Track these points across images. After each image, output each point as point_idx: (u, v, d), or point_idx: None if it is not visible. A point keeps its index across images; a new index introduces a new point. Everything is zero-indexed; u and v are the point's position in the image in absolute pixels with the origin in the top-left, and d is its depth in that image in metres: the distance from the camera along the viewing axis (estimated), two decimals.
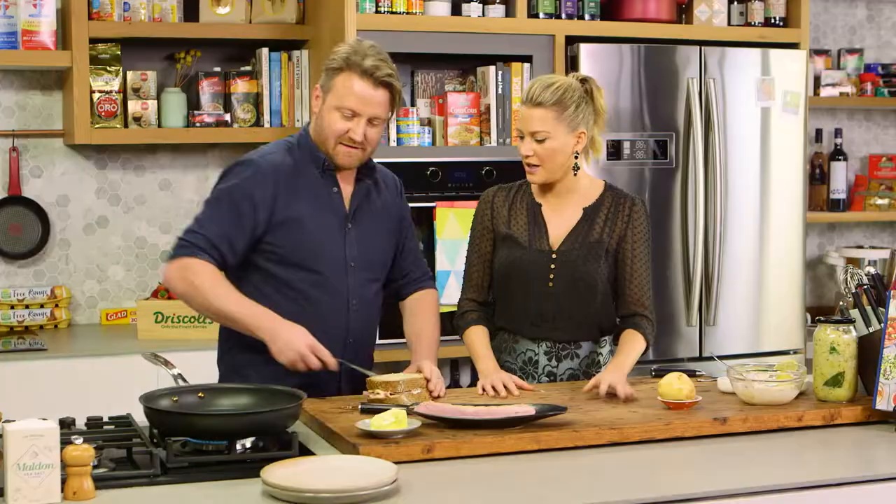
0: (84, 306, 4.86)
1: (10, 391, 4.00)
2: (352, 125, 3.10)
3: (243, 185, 3.12)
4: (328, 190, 3.19)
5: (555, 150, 3.23)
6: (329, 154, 3.16)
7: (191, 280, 3.06)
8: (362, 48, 3.12)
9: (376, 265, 3.28)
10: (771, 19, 5.06)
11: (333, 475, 2.35)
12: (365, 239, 3.22)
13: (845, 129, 5.87)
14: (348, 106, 3.09)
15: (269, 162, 3.16)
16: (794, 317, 5.01)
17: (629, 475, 2.52)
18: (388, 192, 3.34)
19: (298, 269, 3.15)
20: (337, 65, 3.11)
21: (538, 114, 3.22)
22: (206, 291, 3.05)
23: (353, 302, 3.20)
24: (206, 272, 3.06)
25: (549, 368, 3.34)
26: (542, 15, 4.70)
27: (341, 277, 3.18)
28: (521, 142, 3.27)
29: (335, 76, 3.11)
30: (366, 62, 3.08)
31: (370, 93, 3.09)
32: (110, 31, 4.58)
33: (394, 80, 3.12)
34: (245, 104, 4.78)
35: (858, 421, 2.92)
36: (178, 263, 3.08)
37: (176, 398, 2.71)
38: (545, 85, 3.23)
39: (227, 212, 3.10)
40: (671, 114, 4.77)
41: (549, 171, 3.27)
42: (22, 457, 2.20)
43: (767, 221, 4.94)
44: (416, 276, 3.43)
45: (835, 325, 2.99)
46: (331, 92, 3.12)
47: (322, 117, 3.15)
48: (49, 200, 4.78)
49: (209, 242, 3.07)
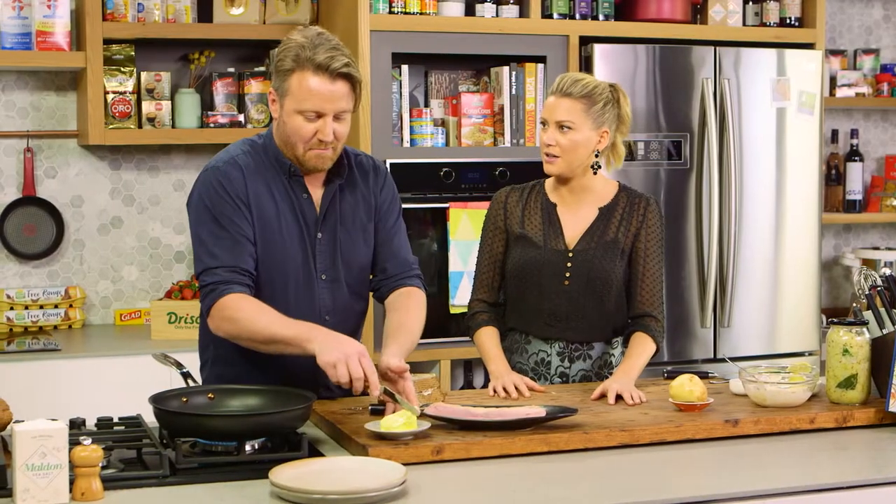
0: (98, 307, 4.87)
1: (24, 391, 4.00)
2: (318, 125, 2.84)
3: (222, 194, 2.90)
4: (297, 196, 2.96)
5: (577, 142, 3.24)
6: (299, 159, 2.92)
7: (232, 319, 2.83)
8: (309, 39, 2.83)
9: (353, 273, 3.04)
10: (786, 19, 5.04)
11: (342, 476, 2.35)
12: (338, 246, 3.00)
13: (861, 130, 5.85)
14: (310, 108, 2.83)
15: (233, 162, 2.94)
16: (810, 318, 4.99)
17: (639, 477, 2.51)
18: (364, 185, 3.07)
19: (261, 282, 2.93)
20: (288, 65, 2.83)
21: (566, 103, 3.23)
22: (249, 325, 2.81)
23: (326, 317, 2.97)
24: (243, 306, 2.83)
25: (561, 369, 3.33)
26: (556, 15, 4.69)
27: (310, 291, 2.97)
28: (545, 130, 3.27)
29: (288, 77, 2.84)
30: (318, 56, 2.79)
31: (329, 88, 2.82)
32: (124, 32, 4.59)
33: (352, 69, 2.84)
34: (259, 105, 4.78)
35: (871, 423, 2.90)
36: (214, 311, 2.85)
37: (186, 399, 2.71)
38: (575, 79, 3.26)
39: (223, 225, 2.89)
40: (686, 114, 4.75)
41: (568, 163, 3.26)
42: (30, 457, 2.20)
43: (783, 222, 4.92)
44: (396, 272, 3.10)
45: (847, 326, 2.97)
46: (287, 95, 2.85)
47: (284, 123, 2.88)
48: (63, 201, 4.79)
49: (230, 270, 2.86)
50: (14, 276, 4.75)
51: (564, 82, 3.25)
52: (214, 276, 2.86)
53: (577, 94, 3.23)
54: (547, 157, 3.28)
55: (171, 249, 4.94)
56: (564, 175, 3.31)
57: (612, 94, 3.29)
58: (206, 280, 2.87)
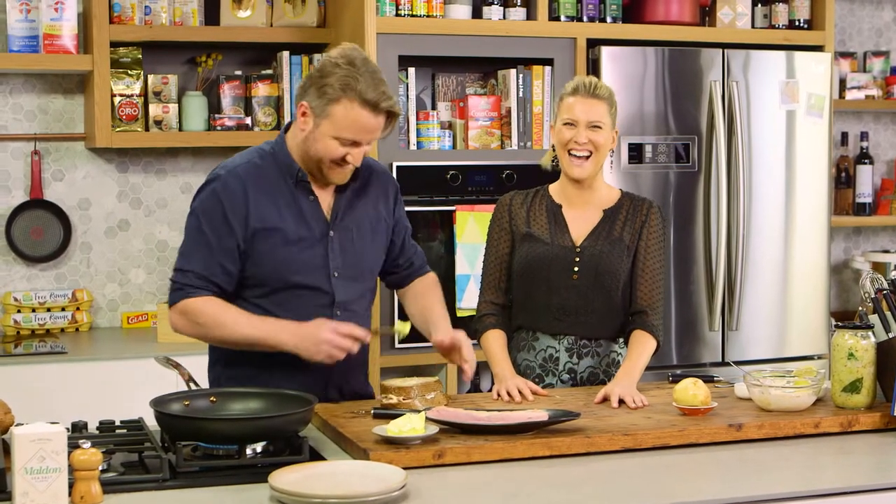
0: (105, 309, 4.87)
1: (30, 394, 4.00)
2: (350, 150, 2.95)
3: (215, 205, 2.99)
4: (304, 199, 3.04)
5: (604, 141, 3.29)
6: (318, 173, 3.02)
7: (196, 321, 2.97)
8: (357, 69, 2.90)
9: (364, 271, 3.16)
10: (795, 22, 5.02)
11: (342, 481, 2.34)
12: (350, 246, 3.09)
13: (871, 133, 5.82)
14: (350, 137, 2.92)
15: (235, 174, 3.01)
16: (819, 322, 4.97)
17: (642, 482, 2.50)
18: (375, 191, 3.17)
19: (276, 285, 3.03)
20: (335, 93, 2.89)
21: (597, 104, 3.28)
22: (214, 327, 2.97)
23: (338, 312, 3.06)
24: (207, 308, 2.96)
25: (570, 365, 3.33)
26: (563, 18, 4.68)
27: (324, 288, 3.05)
28: (570, 130, 3.28)
29: (333, 104, 2.90)
30: (367, 92, 2.88)
31: (373, 122, 2.93)
32: (131, 35, 4.59)
33: (395, 105, 2.95)
34: (266, 107, 4.78)
35: (877, 428, 2.88)
36: (177, 309, 3.00)
37: (188, 402, 2.71)
38: (595, 82, 3.32)
39: (209, 236, 2.99)
40: (694, 117, 4.74)
41: (596, 163, 3.31)
42: (29, 460, 2.20)
43: (792, 225, 4.90)
44: (416, 264, 3.34)
45: (853, 330, 2.96)
46: (327, 119, 2.92)
47: (315, 140, 2.96)
48: (70, 204, 4.79)
49: (200, 276, 2.98)
50: (21, 279, 4.76)
51: (589, 84, 3.30)
52: (184, 277, 3.00)
53: (603, 95, 3.29)
54: (576, 159, 3.29)
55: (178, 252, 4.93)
56: (589, 177, 3.33)
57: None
58: (177, 279, 3.02)
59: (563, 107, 3.31)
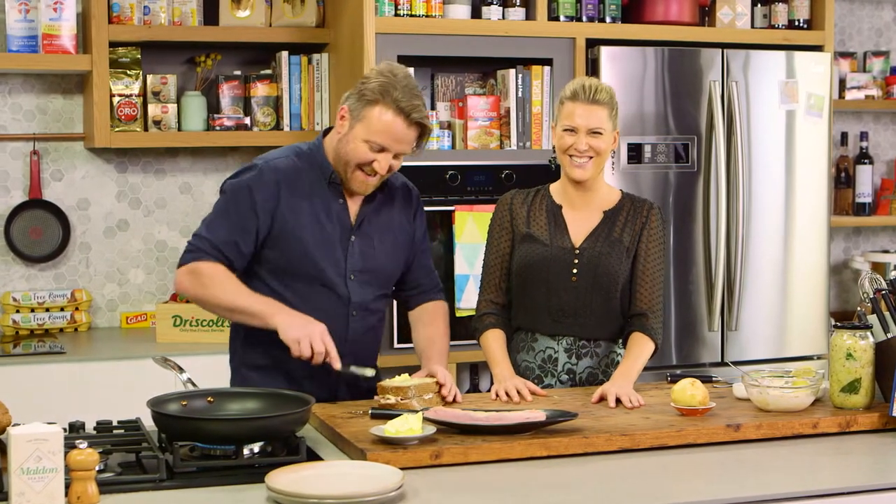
0: (104, 309, 4.86)
1: (28, 395, 4.00)
2: (378, 157, 3.07)
3: (245, 188, 3.13)
4: (334, 201, 3.18)
5: (605, 146, 3.28)
6: (344, 176, 3.15)
7: (201, 282, 3.10)
8: (398, 79, 3.06)
9: (381, 277, 3.26)
10: (795, 22, 5.01)
11: (338, 481, 2.34)
12: (370, 251, 3.21)
13: (871, 133, 5.82)
14: (379, 141, 3.06)
15: (272, 167, 3.16)
16: (819, 322, 4.96)
17: (639, 482, 2.50)
18: (401, 206, 3.31)
19: (296, 277, 3.16)
20: (372, 96, 3.05)
21: (598, 110, 3.26)
22: (215, 289, 3.09)
23: (354, 312, 3.20)
24: (216, 272, 3.09)
25: (568, 366, 3.32)
26: (562, 18, 4.67)
27: (340, 288, 3.17)
28: (571, 136, 3.27)
29: (369, 108, 3.05)
30: (403, 101, 3.02)
31: (403, 131, 3.06)
32: (130, 35, 4.59)
33: (427, 121, 3.09)
34: (265, 107, 4.78)
35: (875, 428, 2.88)
36: (187, 268, 3.12)
37: (185, 402, 2.71)
38: (595, 85, 3.28)
39: (232, 216, 3.13)
40: (693, 117, 4.73)
41: (597, 166, 3.31)
42: (26, 461, 2.20)
43: (791, 225, 4.89)
44: (426, 287, 3.40)
45: (851, 330, 2.95)
46: (361, 122, 3.07)
47: (347, 142, 3.11)
48: (69, 204, 4.79)
49: (215, 246, 3.11)
50: (20, 279, 4.75)
51: (589, 88, 3.27)
52: (201, 242, 3.12)
53: (604, 100, 3.27)
54: (577, 163, 3.28)
55: (177, 252, 4.91)
56: (591, 178, 3.32)
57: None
58: (193, 243, 3.14)
59: (564, 112, 3.29)
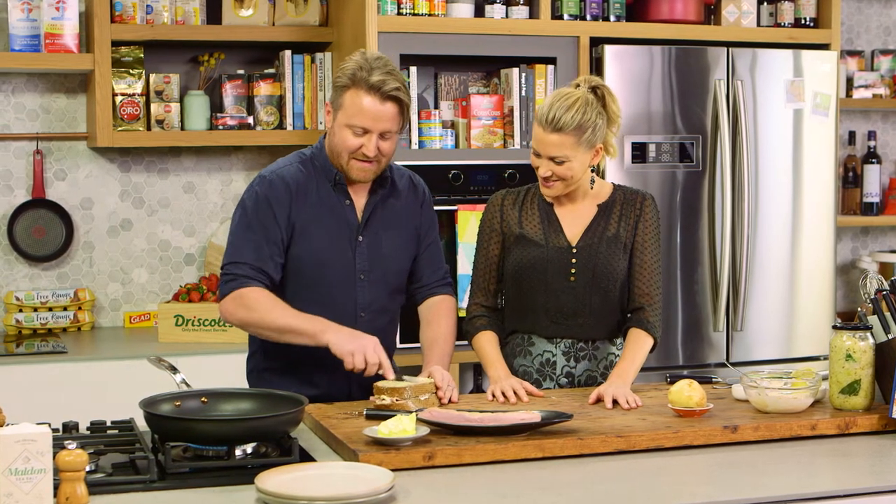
0: (107, 309, 4.86)
1: (31, 394, 4.00)
2: (364, 141, 3.11)
3: (264, 201, 3.16)
4: (340, 202, 3.21)
5: (574, 168, 3.20)
6: (343, 169, 3.18)
7: (249, 307, 3.10)
8: (368, 62, 3.10)
9: (390, 275, 3.28)
10: (801, 20, 4.98)
11: (329, 482, 2.33)
12: (378, 249, 3.24)
13: (879, 132, 5.78)
14: (358, 123, 3.09)
15: (279, 176, 3.19)
16: (825, 322, 4.92)
17: (634, 484, 2.47)
18: (408, 200, 3.33)
19: (305, 281, 3.18)
20: (344, 82, 3.11)
21: (556, 139, 3.15)
22: (263, 313, 3.09)
23: (362, 314, 3.22)
24: (259, 296, 3.10)
25: (567, 369, 3.30)
26: (566, 16, 4.65)
27: (349, 289, 3.21)
28: (537, 159, 3.22)
29: (343, 93, 3.11)
30: (372, 77, 3.07)
31: (378, 108, 3.08)
32: (133, 34, 4.58)
33: (401, 93, 3.10)
34: (268, 107, 4.77)
35: (874, 430, 2.85)
36: (230, 297, 3.13)
37: (179, 403, 2.70)
38: (565, 107, 3.13)
39: (257, 231, 3.15)
40: (699, 116, 4.70)
41: (567, 185, 3.25)
42: (14, 461, 2.19)
43: (798, 225, 4.86)
44: (430, 281, 3.38)
45: (851, 331, 2.93)
46: (340, 109, 3.13)
47: (334, 134, 3.16)
48: (73, 203, 4.79)
49: (252, 269, 3.13)
50: (23, 279, 4.75)
51: (553, 113, 3.13)
52: (238, 269, 3.13)
53: (568, 127, 3.13)
54: (544, 182, 3.24)
55: (180, 252, 4.92)
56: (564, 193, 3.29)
57: (598, 103, 3.19)
58: (231, 270, 3.14)
59: (533, 131, 3.21)
